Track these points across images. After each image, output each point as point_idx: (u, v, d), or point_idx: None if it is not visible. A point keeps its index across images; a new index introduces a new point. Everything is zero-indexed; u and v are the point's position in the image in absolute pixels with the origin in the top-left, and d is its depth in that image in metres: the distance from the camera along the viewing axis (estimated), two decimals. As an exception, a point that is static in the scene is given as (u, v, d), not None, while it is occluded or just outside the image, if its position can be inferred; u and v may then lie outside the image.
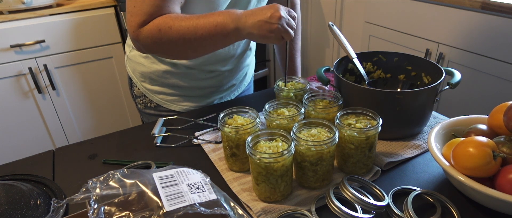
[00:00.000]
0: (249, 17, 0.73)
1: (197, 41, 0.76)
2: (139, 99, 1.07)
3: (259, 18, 0.72)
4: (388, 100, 0.76)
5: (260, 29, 0.72)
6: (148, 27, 0.76)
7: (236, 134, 0.69)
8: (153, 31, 0.75)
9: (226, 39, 0.76)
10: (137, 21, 0.76)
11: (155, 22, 0.75)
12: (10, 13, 1.72)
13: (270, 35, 0.72)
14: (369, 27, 1.97)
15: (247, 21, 0.73)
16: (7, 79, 1.82)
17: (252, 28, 0.73)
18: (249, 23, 0.73)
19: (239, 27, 0.74)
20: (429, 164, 0.75)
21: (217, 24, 0.74)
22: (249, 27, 0.73)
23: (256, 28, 0.72)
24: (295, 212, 0.62)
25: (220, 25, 0.74)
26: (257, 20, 0.72)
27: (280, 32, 0.72)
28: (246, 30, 0.73)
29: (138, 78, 1.04)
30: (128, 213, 0.47)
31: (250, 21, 0.72)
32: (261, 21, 0.72)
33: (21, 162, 0.82)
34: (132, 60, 1.04)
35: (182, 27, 0.74)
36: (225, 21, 0.74)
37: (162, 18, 0.76)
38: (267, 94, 1.10)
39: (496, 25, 1.36)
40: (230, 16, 0.74)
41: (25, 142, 1.98)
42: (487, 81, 1.44)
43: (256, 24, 0.72)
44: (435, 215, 0.61)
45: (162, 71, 0.99)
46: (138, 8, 0.76)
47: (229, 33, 0.74)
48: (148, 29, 0.76)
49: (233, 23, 0.73)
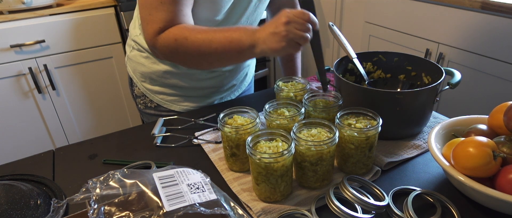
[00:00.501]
0: (261, 32, 0.70)
1: (212, 55, 0.76)
2: (139, 99, 1.07)
3: (268, 31, 0.68)
4: (388, 100, 0.76)
5: (270, 42, 0.68)
6: (164, 36, 0.77)
7: (236, 134, 0.69)
8: (170, 41, 0.76)
9: (241, 56, 0.75)
10: (154, 29, 0.77)
11: (171, 32, 0.77)
12: (10, 13, 1.72)
13: (282, 45, 0.67)
14: (369, 27, 1.97)
15: (260, 36, 0.70)
16: (7, 79, 1.82)
17: (263, 43, 0.70)
18: (261, 38, 0.70)
19: (254, 44, 0.72)
20: (429, 164, 0.75)
21: (232, 40, 0.73)
22: (261, 43, 0.70)
23: (267, 42, 0.69)
24: (295, 212, 0.62)
25: (235, 41, 0.73)
26: (267, 34, 0.69)
27: (291, 38, 0.67)
28: (259, 47, 0.71)
29: (139, 78, 1.04)
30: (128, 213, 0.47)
31: (262, 36, 0.70)
32: (269, 34, 0.68)
33: (21, 162, 0.82)
34: (132, 60, 1.04)
35: (197, 39, 0.75)
36: (240, 38, 0.72)
37: (179, 28, 0.76)
38: (267, 94, 1.10)
39: (496, 25, 1.36)
40: (246, 32, 0.72)
41: (25, 142, 1.98)
42: (487, 81, 1.44)
43: (266, 38, 0.69)
44: (435, 215, 0.61)
45: (163, 71, 0.99)
46: (153, 16, 0.77)
47: (244, 50, 0.73)
48: (165, 38, 0.77)
49: (248, 40, 0.72)
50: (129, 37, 1.06)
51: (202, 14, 0.85)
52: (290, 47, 0.68)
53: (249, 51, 0.73)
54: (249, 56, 0.75)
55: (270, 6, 1.10)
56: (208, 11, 0.85)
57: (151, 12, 0.77)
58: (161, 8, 0.76)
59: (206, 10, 0.84)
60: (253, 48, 0.72)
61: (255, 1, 0.93)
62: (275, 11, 1.12)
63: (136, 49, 1.02)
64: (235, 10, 0.90)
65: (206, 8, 0.84)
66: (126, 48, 1.09)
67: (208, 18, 0.87)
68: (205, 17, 0.85)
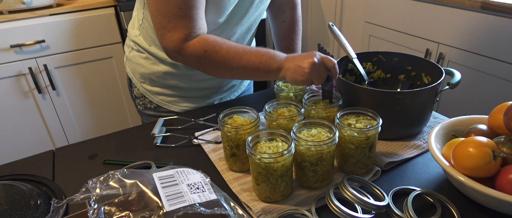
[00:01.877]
0: (289, 61, 0.78)
1: (238, 70, 0.80)
2: (138, 100, 1.07)
3: (296, 63, 0.76)
4: (388, 100, 0.76)
5: (294, 73, 0.76)
6: (193, 46, 0.79)
7: (236, 134, 0.69)
8: (199, 51, 0.79)
9: (265, 75, 0.80)
10: (178, 37, 0.78)
11: (201, 43, 0.79)
12: (10, 13, 1.72)
13: (301, 79, 0.76)
14: (369, 27, 1.97)
15: (286, 64, 0.78)
16: (7, 79, 1.82)
17: (287, 70, 0.77)
18: (286, 66, 0.78)
19: (280, 69, 0.78)
20: (429, 164, 0.75)
21: (262, 62, 0.78)
22: (285, 70, 0.78)
23: (291, 71, 0.77)
24: (295, 212, 0.62)
25: (264, 63, 0.78)
26: (294, 65, 0.76)
27: (310, 76, 0.75)
28: (282, 73, 0.78)
29: (138, 79, 1.04)
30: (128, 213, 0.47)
31: (288, 65, 0.77)
32: (296, 66, 0.76)
33: (21, 162, 0.82)
34: (131, 61, 1.03)
35: (228, 54, 0.79)
36: (269, 62, 0.78)
37: (209, 40, 0.79)
38: (267, 94, 1.10)
39: (496, 25, 1.36)
40: (275, 58, 0.79)
41: (25, 142, 1.98)
42: (487, 81, 1.44)
43: (291, 68, 0.77)
44: (435, 215, 0.61)
45: (162, 72, 0.99)
46: (174, 23, 0.77)
47: (270, 71, 0.79)
48: (194, 48, 0.79)
49: (276, 64, 0.78)
50: (127, 37, 1.05)
51: (207, 17, 0.85)
52: (306, 82, 0.77)
53: (274, 73, 0.79)
54: (271, 77, 0.81)
55: (270, 6, 1.10)
56: (212, 14, 0.85)
57: (170, 19, 0.77)
58: (181, 14, 0.76)
59: (210, 13, 0.84)
60: (278, 72, 0.79)
61: (256, 2, 0.93)
62: (275, 11, 1.12)
63: (135, 50, 1.02)
64: (237, 11, 0.90)
65: (210, 11, 0.84)
66: (125, 48, 1.08)
67: (211, 21, 0.86)
68: (209, 20, 0.85)
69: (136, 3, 0.99)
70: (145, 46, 0.97)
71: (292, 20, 1.12)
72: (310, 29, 2.54)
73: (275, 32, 1.15)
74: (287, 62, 0.78)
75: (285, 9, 1.11)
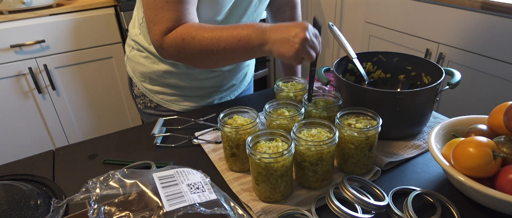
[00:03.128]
0: (273, 33, 0.70)
1: (220, 54, 0.75)
2: (139, 99, 1.07)
3: (282, 35, 0.69)
4: (388, 100, 0.76)
5: (281, 47, 0.69)
6: (171, 36, 0.76)
7: (236, 134, 0.69)
8: (177, 41, 0.75)
9: (249, 54, 0.75)
10: (160, 29, 0.76)
11: (178, 31, 0.75)
12: (10, 13, 1.72)
13: (290, 55, 0.69)
14: (369, 27, 1.97)
15: (270, 36, 0.71)
16: (7, 79, 1.82)
17: (273, 44, 0.70)
18: (272, 39, 0.70)
19: (263, 42, 0.72)
20: (429, 164, 0.75)
21: (241, 38, 0.72)
22: (271, 43, 0.71)
23: (278, 44, 0.70)
24: (295, 212, 0.62)
25: (243, 39, 0.72)
26: (280, 37, 0.69)
27: (300, 52, 0.69)
28: (268, 46, 0.71)
29: (138, 78, 1.04)
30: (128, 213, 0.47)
31: (273, 37, 0.70)
32: (283, 39, 0.69)
33: (21, 162, 0.82)
34: (132, 60, 1.04)
35: (204, 38, 0.74)
36: (249, 36, 0.72)
37: (186, 27, 0.75)
38: (267, 94, 1.10)
39: (496, 25, 1.36)
40: (255, 31, 0.72)
41: (25, 142, 1.98)
42: (487, 81, 1.44)
43: (278, 41, 0.70)
44: (435, 215, 0.61)
45: (162, 71, 0.99)
46: (159, 16, 0.75)
47: (253, 48, 0.73)
48: (172, 38, 0.76)
49: (258, 39, 0.72)
50: (128, 37, 1.06)
51: (203, 14, 0.85)
52: (295, 59, 0.70)
53: (258, 49, 0.73)
54: (257, 54, 0.75)
55: (270, 5, 1.10)
56: (209, 11, 0.85)
57: (156, 12, 0.75)
58: (167, 8, 0.74)
59: (207, 10, 0.84)
60: (262, 46, 0.72)
61: (256, 1, 0.93)
62: (275, 11, 1.12)
63: (135, 49, 1.02)
64: (236, 10, 0.90)
65: (207, 8, 0.84)
66: (125, 48, 1.09)
67: (209, 19, 0.86)
68: (205, 18, 0.85)
69: (137, 2, 0.99)
70: (145, 45, 0.98)
71: (292, 20, 1.12)
72: (310, 29, 2.54)
73: None
74: (271, 34, 0.71)
75: (285, 9, 1.11)
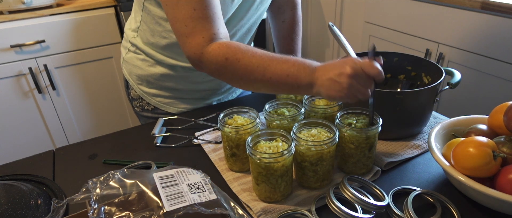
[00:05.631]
0: (321, 72, 0.64)
1: (263, 83, 0.69)
2: (136, 102, 1.07)
3: (329, 76, 0.62)
4: (388, 100, 0.76)
5: (329, 90, 0.62)
6: (214, 52, 0.70)
7: (236, 134, 0.69)
8: (219, 58, 0.70)
9: (294, 91, 0.69)
10: (197, 42, 0.71)
11: (222, 49, 0.70)
12: (10, 13, 1.72)
13: (340, 96, 0.62)
14: (369, 27, 1.97)
15: (319, 77, 0.64)
16: (7, 79, 1.82)
17: (321, 86, 0.63)
18: (319, 79, 0.64)
19: (312, 84, 0.65)
20: (429, 164, 0.75)
21: (289, 74, 0.66)
22: (319, 85, 0.64)
23: (325, 87, 0.63)
24: (295, 212, 0.62)
25: (292, 76, 0.66)
26: (327, 78, 0.62)
27: (351, 91, 0.61)
28: (316, 88, 0.65)
29: (135, 81, 1.03)
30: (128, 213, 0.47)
31: (321, 78, 0.64)
32: (330, 80, 0.62)
33: (21, 162, 0.82)
34: (128, 63, 1.03)
35: (251, 64, 0.68)
36: (298, 74, 0.66)
37: (231, 47, 0.70)
38: (267, 94, 1.10)
39: (496, 25, 1.36)
40: (305, 70, 0.65)
41: (25, 142, 1.98)
42: (487, 81, 1.44)
43: (325, 83, 0.63)
44: (435, 215, 0.61)
45: (160, 74, 0.98)
46: (190, 27, 0.71)
47: (300, 86, 0.66)
48: (214, 55, 0.70)
49: (306, 78, 0.65)
50: (124, 38, 1.04)
51: None
52: (348, 99, 0.63)
53: (305, 89, 0.67)
54: (304, 93, 0.70)
55: (270, 6, 1.10)
56: None
57: (187, 23, 0.71)
58: (196, 16, 0.70)
59: None
60: (310, 87, 0.66)
61: (257, 4, 0.93)
62: (275, 11, 1.12)
63: (132, 52, 1.01)
64: (237, 13, 0.90)
65: None
66: (121, 50, 1.07)
67: None
68: None
69: (134, 5, 0.98)
70: (143, 48, 0.97)
71: (293, 20, 1.12)
72: (310, 29, 2.54)
73: (275, 33, 1.15)
74: (319, 74, 0.64)
75: (285, 9, 1.11)
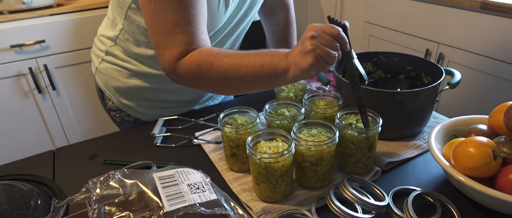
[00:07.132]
0: (292, 52, 0.63)
1: (240, 81, 0.68)
2: (114, 113, 1.01)
3: (296, 51, 0.62)
4: (388, 100, 0.76)
5: (299, 62, 0.61)
6: (186, 62, 0.69)
7: (236, 134, 0.69)
8: (192, 67, 0.69)
9: (273, 81, 0.67)
10: (172, 55, 0.69)
11: (194, 57, 0.69)
12: (10, 13, 1.72)
13: (309, 62, 0.60)
14: (369, 27, 1.97)
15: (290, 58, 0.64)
16: (7, 79, 1.82)
17: (294, 65, 0.62)
18: (292, 60, 0.63)
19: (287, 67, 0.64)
20: (429, 164, 0.75)
21: (264, 64, 0.65)
22: (292, 66, 0.63)
23: (296, 63, 0.61)
24: (295, 212, 0.62)
25: (266, 65, 0.65)
26: (296, 53, 0.62)
27: (318, 54, 0.60)
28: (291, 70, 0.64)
29: (113, 93, 0.97)
30: (128, 213, 0.47)
31: (292, 58, 0.63)
32: (297, 53, 0.61)
33: (21, 162, 0.82)
34: (102, 73, 0.96)
35: (224, 64, 0.67)
36: (272, 62, 0.65)
37: (202, 53, 0.69)
38: (267, 94, 1.10)
39: (496, 25, 1.36)
40: (278, 56, 0.65)
41: (25, 142, 1.98)
42: (487, 81, 1.44)
43: (296, 59, 0.62)
44: (435, 215, 0.61)
45: (138, 86, 0.94)
46: (169, 40, 0.69)
47: (276, 74, 0.65)
48: (187, 65, 0.69)
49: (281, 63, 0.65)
50: (95, 45, 0.98)
51: None
52: (318, 64, 0.60)
53: (282, 75, 0.65)
54: (281, 82, 0.67)
55: (262, 8, 1.08)
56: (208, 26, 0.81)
57: (166, 36, 0.69)
58: (177, 31, 0.68)
59: None
60: (286, 72, 0.64)
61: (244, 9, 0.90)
62: (268, 13, 1.10)
63: (107, 61, 0.94)
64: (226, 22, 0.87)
65: None
66: (92, 56, 1.00)
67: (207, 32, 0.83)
68: None
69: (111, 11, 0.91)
70: (122, 57, 0.92)
71: (286, 22, 1.10)
72: (310, 29, 2.54)
73: (270, 36, 1.13)
74: (290, 56, 0.64)
75: (278, 11, 1.09)
